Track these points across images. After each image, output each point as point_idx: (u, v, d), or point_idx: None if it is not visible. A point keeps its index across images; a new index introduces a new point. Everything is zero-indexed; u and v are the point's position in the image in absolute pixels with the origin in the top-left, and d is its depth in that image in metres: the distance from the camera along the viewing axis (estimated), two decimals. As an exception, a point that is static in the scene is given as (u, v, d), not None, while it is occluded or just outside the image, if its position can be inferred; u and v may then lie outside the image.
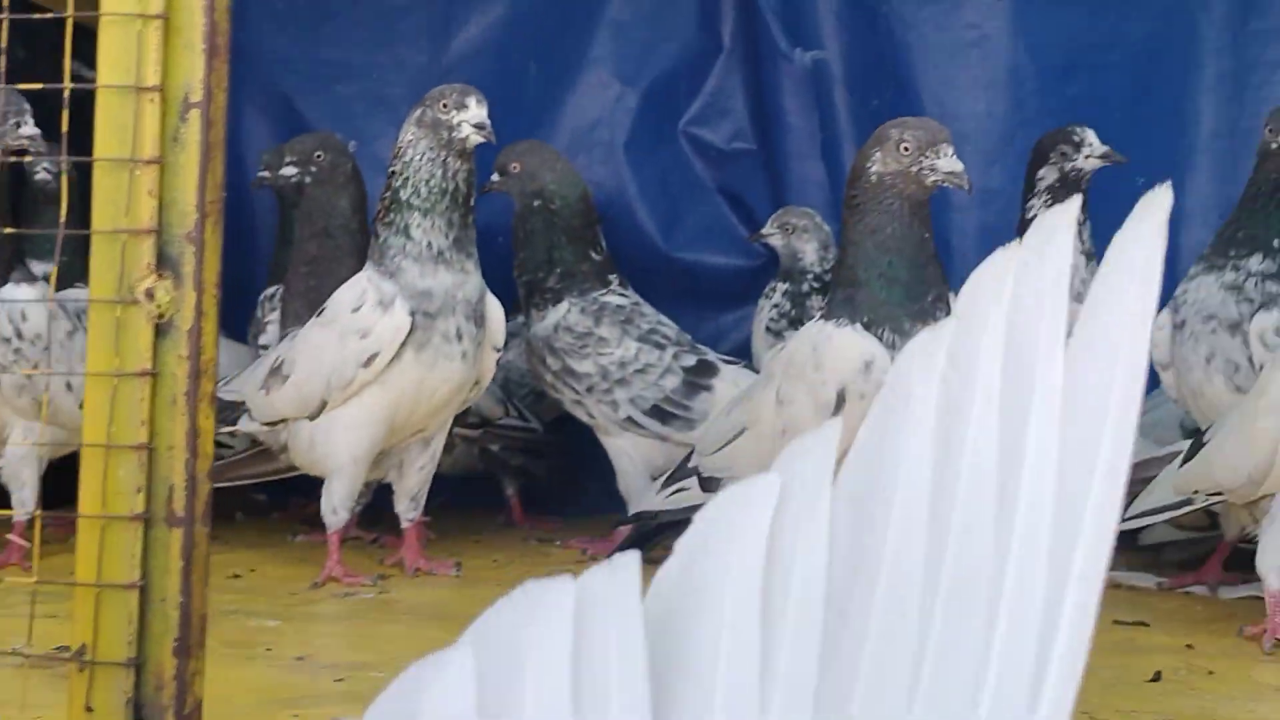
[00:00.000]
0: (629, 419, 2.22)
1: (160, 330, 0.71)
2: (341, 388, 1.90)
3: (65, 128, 0.74)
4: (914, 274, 1.73)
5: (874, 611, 0.54)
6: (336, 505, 1.92)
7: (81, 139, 0.75)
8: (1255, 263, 2.01)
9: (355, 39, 2.89)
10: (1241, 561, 2.03)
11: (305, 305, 2.13)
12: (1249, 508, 1.82)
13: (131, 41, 0.74)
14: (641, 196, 2.79)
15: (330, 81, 2.90)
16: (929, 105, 2.66)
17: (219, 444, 2.16)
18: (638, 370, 2.22)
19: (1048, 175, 2.28)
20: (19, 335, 1.81)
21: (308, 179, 2.27)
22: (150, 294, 0.71)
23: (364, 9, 2.87)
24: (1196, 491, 1.84)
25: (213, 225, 0.74)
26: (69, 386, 1.80)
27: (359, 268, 2.22)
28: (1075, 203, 0.72)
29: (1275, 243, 2.02)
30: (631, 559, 0.62)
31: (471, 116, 1.88)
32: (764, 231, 2.54)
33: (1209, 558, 2.05)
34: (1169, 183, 0.77)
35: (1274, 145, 2.03)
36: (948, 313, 1.79)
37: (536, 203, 2.30)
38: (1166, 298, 2.14)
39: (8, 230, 1.64)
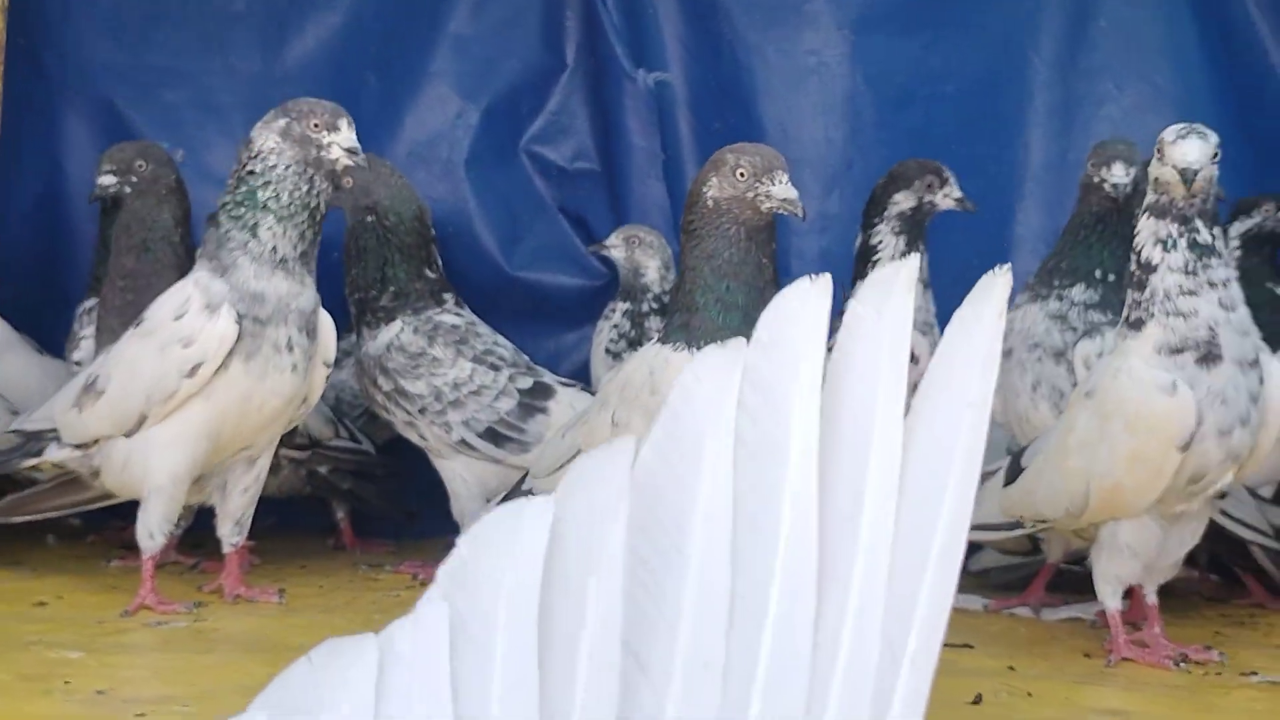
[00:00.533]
0: (462, 441, 2.17)
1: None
2: (162, 401, 1.81)
3: None
4: (751, 299, 1.72)
5: (677, 671, 0.51)
6: (153, 529, 1.82)
7: None
8: (1078, 293, 2.07)
9: (185, 45, 2.78)
10: (1064, 584, 2.08)
11: (121, 321, 2.03)
12: (1074, 532, 1.86)
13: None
14: (482, 214, 2.74)
15: (158, 89, 2.79)
16: (771, 129, 2.67)
17: (23, 477, 2.05)
18: (472, 392, 2.17)
19: (902, 202, 2.30)
20: None
21: (127, 189, 2.17)
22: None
23: (194, 14, 2.77)
24: (1022, 517, 1.88)
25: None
26: None
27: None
28: (915, 261, 0.70)
29: (1097, 273, 2.08)
30: (437, 612, 0.58)
31: (343, 140, 1.83)
32: (607, 243, 2.52)
33: (1033, 580, 2.09)
34: (1008, 266, 0.76)
35: (1095, 179, 2.09)
36: None
37: (369, 218, 2.24)
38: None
39: None
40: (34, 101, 2.70)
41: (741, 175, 1.70)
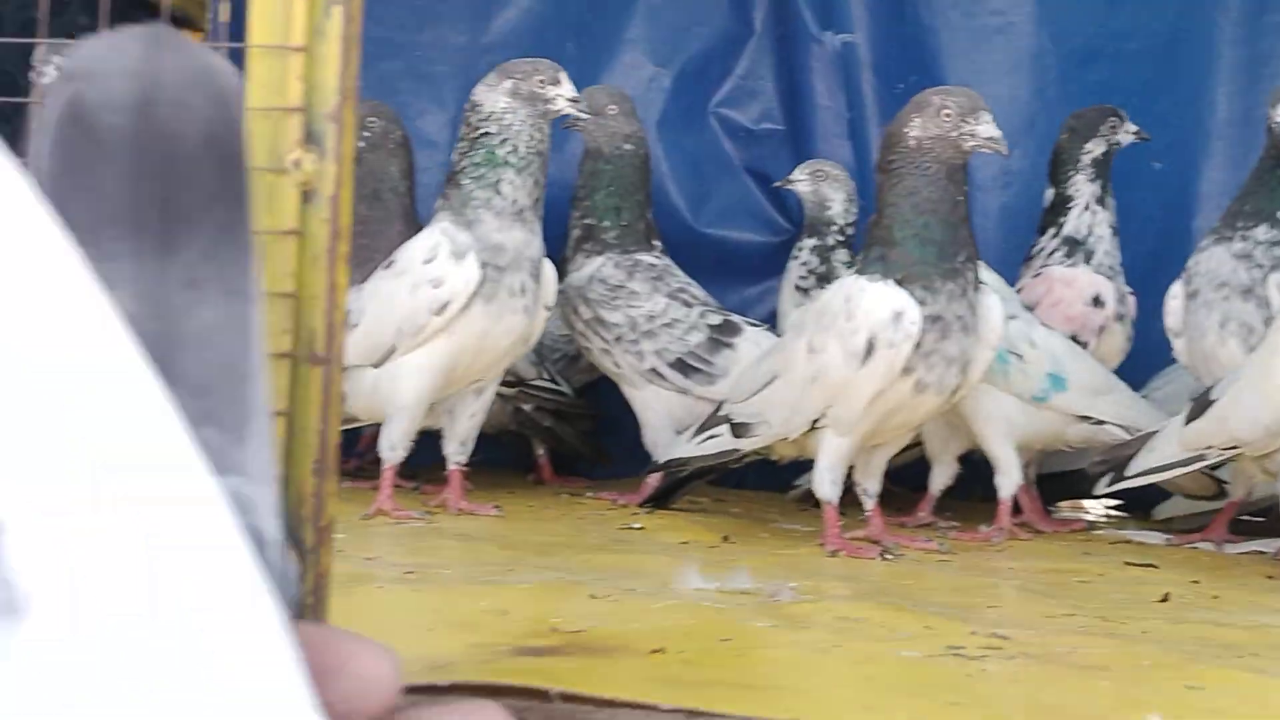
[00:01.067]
0: (653, 370, 2.33)
1: (306, 196, 0.81)
2: (412, 334, 2.01)
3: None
4: (947, 234, 1.84)
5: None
6: (396, 443, 2.02)
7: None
8: (1262, 232, 2.11)
9: (401, 19, 2.99)
10: (1245, 530, 2.13)
11: (357, 263, 2.21)
12: (1261, 461, 1.92)
13: (283, -54, 0.84)
14: (672, 174, 2.89)
15: (376, 59, 2.99)
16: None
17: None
18: (665, 324, 2.33)
19: (1094, 149, 2.40)
20: None
21: (360, 144, 2.37)
22: (297, 164, 0.81)
23: (417, -13, 2.97)
24: (1210, 447, 1.94)
25: (350, 107, 0.84)
26: None
27: (405, 230, 2.33)
28: None
29: (1279, 214, 2.12)
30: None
31: (566, 91, 2.05)
32: (792, 178, 2.62)
33: (1216, 517, 2.14)
34: None
35: (1270, 123, 2.13)
36: (976, 273, 1.90)
37: (627, 146, 2.40)
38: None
39: None
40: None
41: (947, 115, 1.83)
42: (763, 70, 2.92)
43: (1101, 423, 2.16)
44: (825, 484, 1.93)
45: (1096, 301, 2.38)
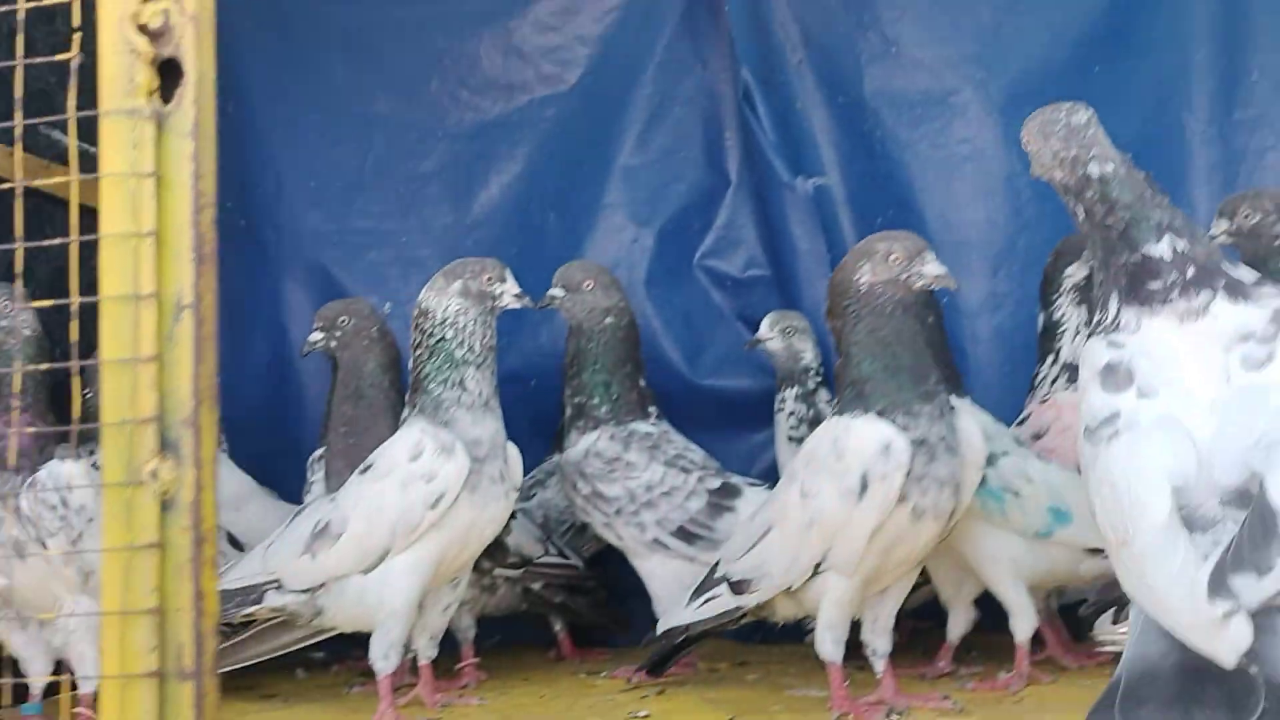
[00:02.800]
0: (656, 540, 2.32)
1: (165, 505, 0.81)
2: (407, 532, 2.01)
3: (74, 337, 0.86)
4: (915, 360, 1.89)
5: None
6: (388, 651, 2.01)
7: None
8: None
9: (384, 208, 3.05)
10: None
11: (346, 464, 2.24)
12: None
13: (129, 256, 0.85)
14: (665, 329, 2.90)
15: (363, 250, 3.06)
16: (931, 218, 2.76)
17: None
18: (664, 493, 2.32)
19: (1076, 273, 2.37)
20: (64, 504, 1.94)
21: (333, 343, 2.39)
22: (154, 474, 0.82)
23: (389, 179, 3.04)
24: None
25: (208, 409, 0.84)
26: None
27: (395, 424, 2.34)
28: None
29: None
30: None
31: (511, 288, 2.10)
32: (760, 336, 2.62)
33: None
34: None
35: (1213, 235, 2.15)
36: (951, 391, 1.93)
37: (608, 320, 2.41)
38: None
39: (29, 430, 1.77)
40: (257, 274, 3.01)
41: (896, 260, 1.89)
42: (743, 219, 2.94)
43: None
44: (827, 643, 1.90)
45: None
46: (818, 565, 1.91)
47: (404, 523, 2.01)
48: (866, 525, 1.85)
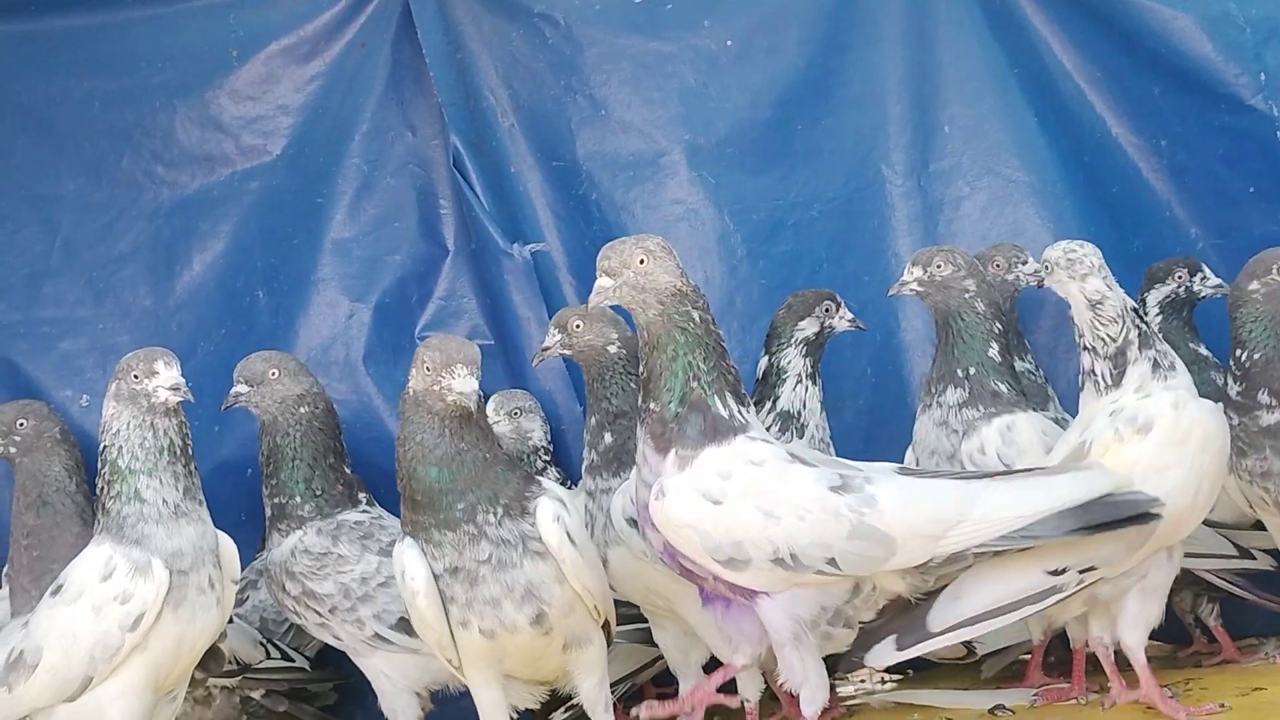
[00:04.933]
0: (377, 635, 2.18)
1: None
2: (108, 659, 1.85)
3: None
4: (448, 483, 1.84)
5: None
6: None
7: None
8: (951, 395, 2.15)
9: (76, 294, 2.85)
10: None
11: (31, 579, 2.06)
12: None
13: None
14: (387, 407, 2.79)
15: (55, 339, 2.84)
16: (650, 280, 2.75)
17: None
18: (380, 584, 2.19)
19: (807, 328, 2.45)
20: None
21: (13, 449, 2.20)
22: None
23: (80, 263, 2.85)
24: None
25: None
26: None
27: (84, 531, 2.16)
28: None
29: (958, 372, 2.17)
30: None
31: (163, 380, 1.91)
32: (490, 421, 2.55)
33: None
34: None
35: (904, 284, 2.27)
36: (488, 519, 1.85)
37: (302, 409, 2.26)
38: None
39: None
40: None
41: (429, 369, 1.86)
42: (463, 288, 2.87)
43: None
44: None
45: None
46: None
47: (102, 648, 1.85)
48: (430, 640, 1.96)
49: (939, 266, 2.20)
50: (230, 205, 2.88)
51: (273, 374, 2.25)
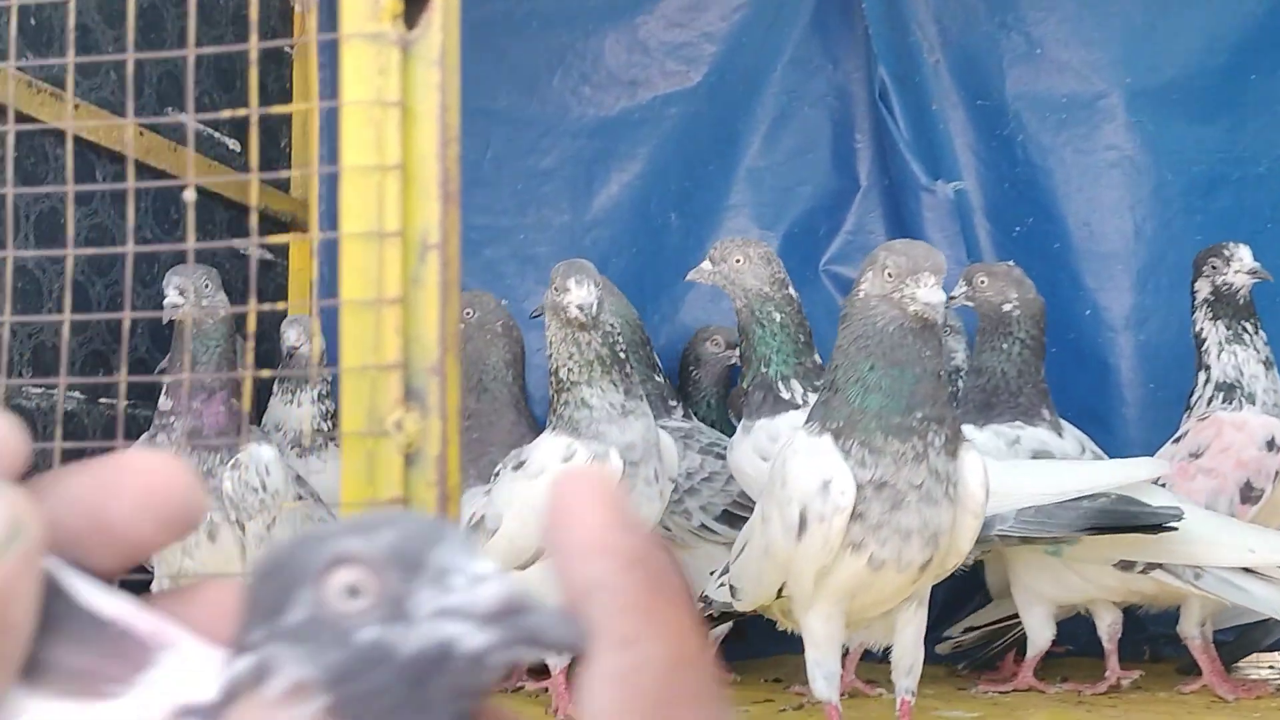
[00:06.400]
0: (702, 525, 2.24)
1: (409, 459, 0.74)
2: None
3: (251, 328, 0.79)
4: (899, 386, 1.62)
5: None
6: None
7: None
8: None
9: (502, 204, 3.00)
10: None
11: (469, 458, 2.17)
12: None
13: (372, 191, 0.79)
14: (789, 336, 2.80)
15: (481, 245, 3.00)
16: (1074, 228, 2.66)
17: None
18: (704, 479, 2.25)
19: (1202, 289, 2.26)
20: (264, 487, 1.89)
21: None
22: (399, 425, 0.75)
23: (508, 176, 2.98)
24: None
25: (453, 357, 0.77)
26: None
27: (518, 419, 2.28)
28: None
29: None
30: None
31: (574, 298, 1.92)
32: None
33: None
34: None
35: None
36: (943, 437, 1.63)
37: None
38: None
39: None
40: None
41: (889, 275, 1.64)
42: (872, 224, 2.85)
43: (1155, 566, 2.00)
44: (818, 680, 1.71)
45: (1271, 445, 2.20)
46: (780, 590, 1.74)
47: None
48: (807, 567, 1.65)
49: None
50: (649, 129, 2.96)
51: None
